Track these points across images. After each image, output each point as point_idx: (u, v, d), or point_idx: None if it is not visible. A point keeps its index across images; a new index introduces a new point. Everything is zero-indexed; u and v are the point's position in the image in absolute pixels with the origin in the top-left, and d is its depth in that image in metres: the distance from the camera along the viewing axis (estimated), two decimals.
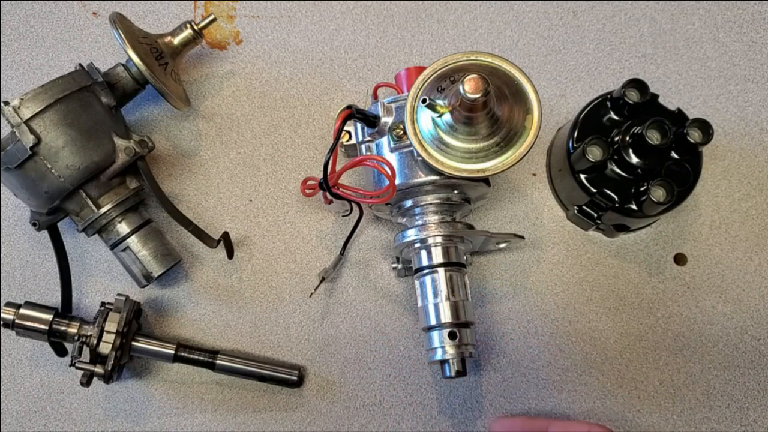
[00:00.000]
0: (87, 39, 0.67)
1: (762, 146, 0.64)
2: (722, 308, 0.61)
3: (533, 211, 0.63)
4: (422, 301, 0.54)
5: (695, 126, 0.55)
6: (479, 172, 0.49)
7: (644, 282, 0.61)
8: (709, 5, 0.67)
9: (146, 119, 0.65)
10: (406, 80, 0.58)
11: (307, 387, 0.60)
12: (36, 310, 0.56)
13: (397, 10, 0.68)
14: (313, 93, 0.66)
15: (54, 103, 0.53)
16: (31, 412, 0.60)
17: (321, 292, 0.61)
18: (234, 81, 0.66)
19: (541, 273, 0.62)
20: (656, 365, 0.60)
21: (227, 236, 0.59)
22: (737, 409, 0.59)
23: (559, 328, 0.61)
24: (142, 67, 0.56)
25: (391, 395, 0.60)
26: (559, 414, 0.59)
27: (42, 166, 0.53)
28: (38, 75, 0.66)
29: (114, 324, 0.55)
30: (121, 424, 0.59)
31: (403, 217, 0.57)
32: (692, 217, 0.63)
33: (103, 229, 0.57)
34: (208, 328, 0.61)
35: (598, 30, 0.67)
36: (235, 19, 0.67)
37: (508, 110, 0.49)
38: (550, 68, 0.66)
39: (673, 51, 0.66)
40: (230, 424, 0.59)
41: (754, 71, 0.66)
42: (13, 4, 0.68)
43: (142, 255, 0.57)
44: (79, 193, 0.55)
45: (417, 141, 0.50)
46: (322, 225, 0.63)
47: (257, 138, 0.65)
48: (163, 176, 0.64)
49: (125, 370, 0.60)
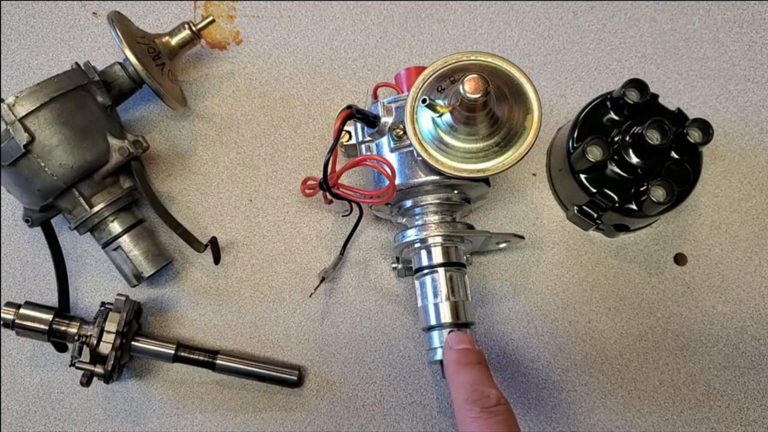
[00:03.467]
0: (87, 39, 0.67)
1: (762, 146, 0.64)
2: (722, 308, 0.61)
3: (533, 211, 0.63)
4: (422, 301, 0.54)
5: (695, 126, 0.55)
6: (479, 172, 0.49)
7: (644, 282, 0.61)
8: (709, 5, 0.67)
9: (146, 119, 0.65)
10: (406, 80, 0.58)
11: (307, 387, 0.60)
12: (36, 310, 0.56)
13: (397, 10, 0.68)
14: (313, 93, 0.66)
15: (49, 101, 0.53)
16: (31, 412, 0.60)
17: (321, 292, 0.61)
18: (234, 81, 0.66)
19: (541, 273, 0.62)
20: (656, 365, 0.60)
21: (215, 241, 0.59)
22: (737, 409, 0.59)
23: (559, 328, 0.61)
24: (138, 66, 0.56)
25: (391, 395, 0.59)
26: (559, 414, 0.59)
27: (35, 164, 0.53)
28: (38, 75, 0.66)
29: (114, 324, 0.55)
30: (121, 424, 0.59)
31: (403, 217, 0.57)
32: (692, 217, 0.63)
33: (95, 228, 0.57)
34: (208, 328, 0.61)
35: (598, 30, 0.67)
36: (235, 19, 0.67)
37: (508, 110, 0.49)
38: (550, 68, 0.66)
39: (673, 51, 0.66)
40: (230, 424, 0.59)
41: (754, 71, 0.66)
42: (13, 4, 0.68)
43: (134, 255, 0.57)
44: (72, 192, 0.55)
45: (417, 141, 0.50)
46: (322, 225, 0.63)
47: (257, 138, 0.65)
48: (163, 176, 0.64)
49: (125, 370, 0.60)
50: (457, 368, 0.47)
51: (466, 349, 0.49)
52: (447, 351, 0.49)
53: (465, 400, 0.44)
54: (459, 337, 0.50)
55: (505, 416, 0.43)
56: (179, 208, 0.63)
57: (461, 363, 0.47)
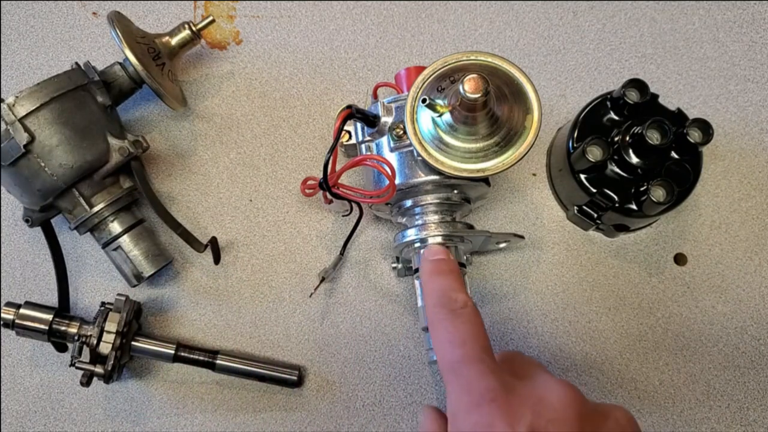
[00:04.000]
0: (87, 39, 0.67)
1: (762, 146, 0.64)
2: (722, 308, 0.61)
3: (533, 211, 0.63)
4: (422, 300, 0.54)
5: (695, 126, 0.55)
6: (479, 172, 0.49)
7: (644, 282, 0.61)
8: (709, 5, 0.67)
9: (146, 119, 0.65)
10: (406, 80, 0.58)
11: (307, 387, 0.60)
12: (36, 310, 0.56)
13: (397, 10, 0.68)
14: (313, 93, 0.66)
15: (49, 101, 0.53)
16: (31, 412, 0.60)
17: (321, 292, 0.61)
18: (234, 81, 0.66)
19: (541, 273, 0.62)
20: (656, 365, 0.60)
21: (215, 241, 0.59)
22: (737, 409, 0.59)
23: (559, 328, 0.61)
24: (138, 66, 0.56)
25: (391, 395, 0.60)
26: None
27: (35, 164, 0.53)
28: (38, 75, 0.66)
29: (114, 324, 0.55)
30: (121, 424, 0.59)
31: (403, 217, 0.57)
32: (692, 217, 0.63)
33: (95, 228, 0.57)
34: (208, 328, 0.61)
35: (598, 30, 0.67)
36: (235, 19, 0.67)
37: (508, 110, 0.49)
38: (550, 68, 0.66)
39: (673, 51, 0.66)
40: (230, 424, 0.59)
41: (754, 71, 0.66)
42: (13, 4, 0.68)
43: (134, 255, 0.57)
44: (72, 192, 0.55)
45: (417, 141, 0.50)
46: (322, 225, 0.63)
47: (257, 138, 0.65)
48: (163, 176, 0.64)
49: (125, 370, 0.60)
50: (431, 277, 0.49)
51: (440, 259, 0.50)
52: (423, 262, 0.51)
53: (434, 305, 0.45)
54: (434, 249, 0.51)
55: (470, 317, 0.44)
56: (179, 208, 0.63)
57: (434, 272, 0.49)
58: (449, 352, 0.42)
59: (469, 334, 0.43)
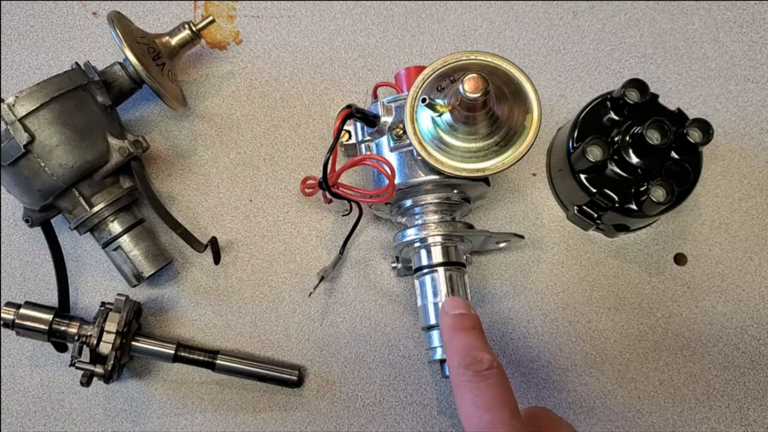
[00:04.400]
0: (87, 39, 0.67)
1: (762, 146, 0.64)
2: (722, 308, 0.61)
3: (533, 211, 0.63)
4: (422, 300, 0.54)
5: (695, 126, 0.55)
6: (479, 172, 0.49)
7: (644, 282, 0.61)
8: (709, 5, 0.67)
9: (146, 119, 0.65)
10: (406, 80, 0.58)
11: (307, 387, 0.60)
12: (36, 310, 0.56)
13: (397, 10, 0.68)
14: (313, 93, 0.66)
15: (49, 101, 0.53)
16: (31, 412, 0.60)
17: (321, 292, 0.61)
18: (234, 81, 0.66)
19: (541, 273, 0.62)
20: (656, 365, 0.60)
21: (215, 241, 0.59)
22: (737, 409, 0.59)
23: (559, 328, 0.60)
24: (138, 66, 0.56)
25: (391, 395, 0.59)
26: (559, 413, 0.58)
27: (35, 164, 0.53)
28: (38, 75, 0.66)
29: (114, 324, 0.55)
30: (121, 424, 0.59)
31: (403, 217, 0.57)
32: (692, 217, 0.63)
33: (95, 228, 0.57)
34: (208, 328, 0.61)
35: (598, 30, 0.67)
36: (235, 19, 0.68)
37: (508, 110, 0.49)
38: (550, 68, 0.66)
39: (673, 51, 0.66)
40: (230, 424, 0.59)
41: (754, 71, 0.66)
42: (13, 4, 0.68)
43: (134, 255, 0.57)
44: (72, 192, 0.55)
45: (417, 140, 0.50)
46: (322, 225, 0.63)
47: (257, 138, 0.65)
48: (163, 176, 0.64)
49: (125, 370, 0.60)
50: (452, 334, 0.47)
51: (461, 314, 0.49)
52: (442, 316, 0.50)
53: (459, 365, 0.44)
54: (454, 302, 0.50)
55: (497, 379, 0.43)
56: (179, 208, 0.63)
57: (456, 328, 0.47)
58: (476, 416, 0.41)
59: (496, 398, 0.41)
